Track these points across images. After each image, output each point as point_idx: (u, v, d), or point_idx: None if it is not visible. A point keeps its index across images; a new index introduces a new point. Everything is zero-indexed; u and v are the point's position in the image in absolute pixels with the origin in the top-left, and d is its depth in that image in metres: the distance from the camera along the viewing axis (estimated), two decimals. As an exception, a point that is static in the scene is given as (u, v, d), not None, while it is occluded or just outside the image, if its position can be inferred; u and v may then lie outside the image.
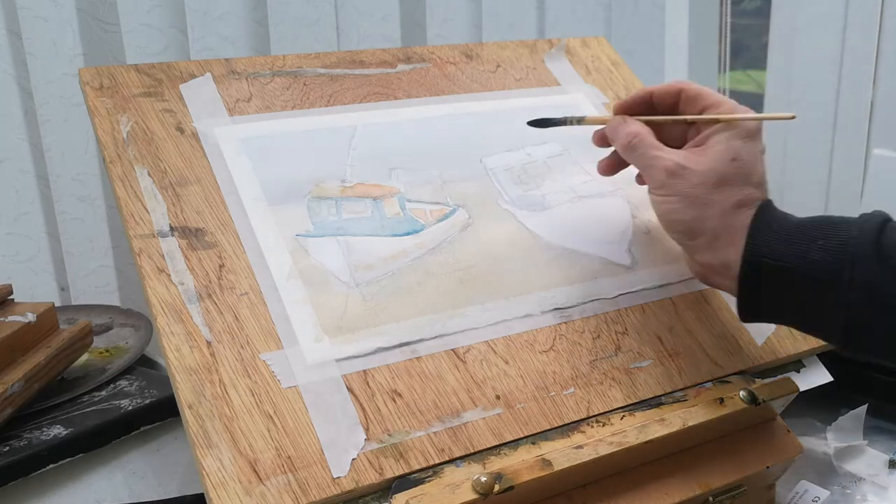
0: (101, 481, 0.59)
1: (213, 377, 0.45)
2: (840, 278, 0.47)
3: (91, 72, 0.57)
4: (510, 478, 0.44)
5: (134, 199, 0.51)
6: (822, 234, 0.48)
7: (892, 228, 0.48)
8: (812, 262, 0.47)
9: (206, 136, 0.56)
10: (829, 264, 0.47)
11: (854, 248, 0.47)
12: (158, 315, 0.46)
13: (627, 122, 0.55)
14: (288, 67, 0.62)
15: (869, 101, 1.37)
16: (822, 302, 0.48)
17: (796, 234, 0.49)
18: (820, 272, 0.47)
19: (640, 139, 0.53)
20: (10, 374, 0.60)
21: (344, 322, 0.49)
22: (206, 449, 0.42)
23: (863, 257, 0.46)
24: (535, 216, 0.59)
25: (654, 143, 0.53)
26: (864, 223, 0.48)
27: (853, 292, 0.46)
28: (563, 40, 0.74)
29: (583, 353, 0.52)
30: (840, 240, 0.47)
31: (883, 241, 0.47)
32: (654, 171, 0.52)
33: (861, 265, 0.46)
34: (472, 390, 0.48)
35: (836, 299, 0.47)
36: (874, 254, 0.46)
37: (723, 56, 1.51)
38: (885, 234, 0.47)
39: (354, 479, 0.43)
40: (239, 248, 0.50)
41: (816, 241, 0.48)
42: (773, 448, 0.54)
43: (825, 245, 0.47)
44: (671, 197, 0.51)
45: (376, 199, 0.56)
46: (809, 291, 0.48)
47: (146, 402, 0.64)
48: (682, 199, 0.51)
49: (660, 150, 0.53)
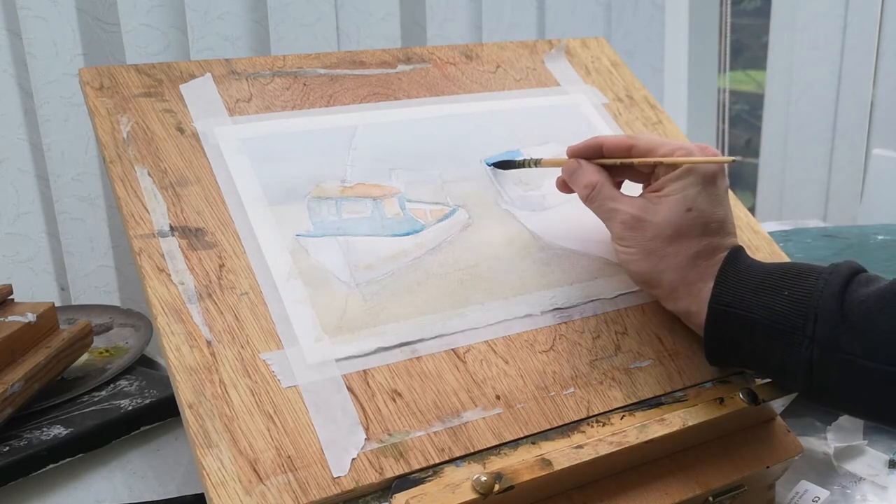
0: (101, 481, 0.59)
1: (214, 377, 0.45)
2: (802, 333, 0.46)
3: (91, 72, 0.57)
4: (510, 478, 0.44)
5: (134, 199, 0.51)
6: (788, 284, 0.48)
7: (859, 282, 0.47)
8: (776, 313, 0.47)
9: (206, 136, 0.56)
10: (793, 318, 0.47)
11: (818, 303, 0.46)
12: (158, 315, 0.46)
13: (583, 168, 0.55)
14: (288, 68, 0.62)
15: (869, 101, 1.37)
16: (784, 354, 0.48)
17: (763, 283, 0.49)
18: (783, 324, 0.47)
19: (598, 190, 0.53)
20: (10, 374, 0.60)
21: (344, 322, 0.49)
22: (206, 448, 0.42)
23: (825, 312, 0.46)
24: (535, 216, 0.59)
25: (611, 193, 0.53)
26: (831, 275, 0.47)
27: (815, 348, 0.46)
28: (562, 41, 0.74)
29: (583, 353, 0.52)
30: (805, 291, 0.47)
31: (846, 297, 0.46)
32: (612, 224, 0.53)
33: (823, 321, 0.46)
34: (472, 390, 0.48)
35: (799, 354, 0.47)
36: (837, 308, 0.46)
37: (723, 56, 1.51)
38: (850, 288, 0.47)
39: (354, 479, 0.43)
40: (239, 248, 0.50)
41: (782, 291, 0.48)
42: (773, 448, 0.54)
43: (790, 296, 0.47)
44: (630, 248, 0.52)
45: (376, 199, 0.56)
46: (773, 343, 0.48)
47: (146, 402, 0.64)
48: (639, 252, 0.51)
49: (616, 201, 0.53)
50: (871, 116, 1.37)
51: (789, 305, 0.47)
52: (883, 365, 0.44)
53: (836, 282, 0.47)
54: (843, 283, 0.47)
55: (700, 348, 0.54)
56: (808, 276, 0.48)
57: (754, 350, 0.49)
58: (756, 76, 1.62)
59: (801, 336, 0.47)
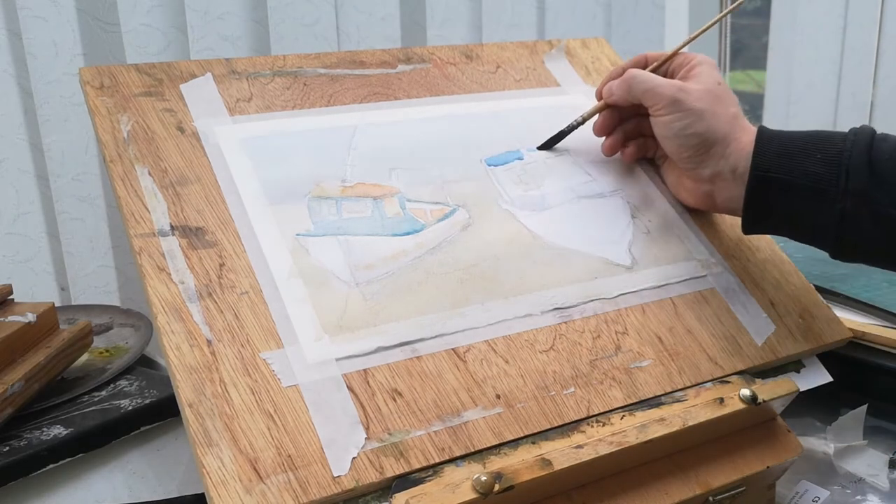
0: (101, 481, 0.59)
1: (214, 376, 0.45)
2: (836, 188, 0.52)
3: (91, 71, 0.57)
4: (510, 477, 0.43)
5: (134, 199, 0.51)
6: (820, 147, 0.54)
7: (880, 140, 0.53)
8: (812, 174, 0.53)
9: (206, 135, 0.56)
10: (826, 176, 0.53)
11: (848, 160, 0.52)
12: (159, 314, 0.46)
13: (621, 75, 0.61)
14: (288, 67, 0.62)
15: (869, 101, 1.37)
16: (818, 210, 0.53)
17: (796, 148, 0.54)
18: (818, 182, 0.53)
19: (638, 73, 0.60)
20: (10, 374, 0.60)
21: (344, 321, 0.49)
22: (206, 448, 0.42)
23: (856, 167, 0.52)
24: (535, 216, 0.59)
25: (651, 74, 0.60)
26: (856, 136, 0.53)
27: (847, 200, 0.52)
28: (562, 41, 0.74)
29: (583, 353, 0.52)
30: (835, 152, 0.53)
31: (872, 154, 0.52)
32: (661, 88, 0.58)
33: (854, 174, 0.52)
34: (473, 389, 0.48)
35: (832, 207, 0.52)
36: (866, 163, 0.52)
37: (723, 56, 1.51)
38: (874, 145, 0.52)
39: (355, 478, 0.43)
40: (239, 248, 0.50)
41: (815, 154, 0.53)
42: (773, 448, 0.54)
43: (823, 158, 0.53)
44: (681, 112, 0.57)
45: (376, 198, 0.56)
46: (809, 201, 0.53)
47: (146, 402, 0.64)
48: (692, 113, 0.57)
49: (657, 76, 0.59)
50: (871, 116, 1.37)
51: (823, 166, 0.53)
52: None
53: (862, 140, 0.53)
54: (868, 142, 0.52)
55: (700, 348, 0.54)
56: (834, 138, 0.54)
57: (790, 211, 0.55)
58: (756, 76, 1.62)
59: (835, 191, 0.52)
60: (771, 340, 0.57)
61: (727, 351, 0.55)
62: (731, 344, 0.56)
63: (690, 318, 0.56)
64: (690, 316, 0.56)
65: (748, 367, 0.55)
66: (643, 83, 0.59)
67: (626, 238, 0.59)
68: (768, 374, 0.57)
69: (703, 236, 0.61)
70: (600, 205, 0.61)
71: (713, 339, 0.56)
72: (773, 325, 0.58)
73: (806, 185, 0.53)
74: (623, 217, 0.61)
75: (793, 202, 0.54)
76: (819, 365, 0.60)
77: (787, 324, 0.59)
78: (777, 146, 0.54)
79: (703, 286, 0.58)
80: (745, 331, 0.57)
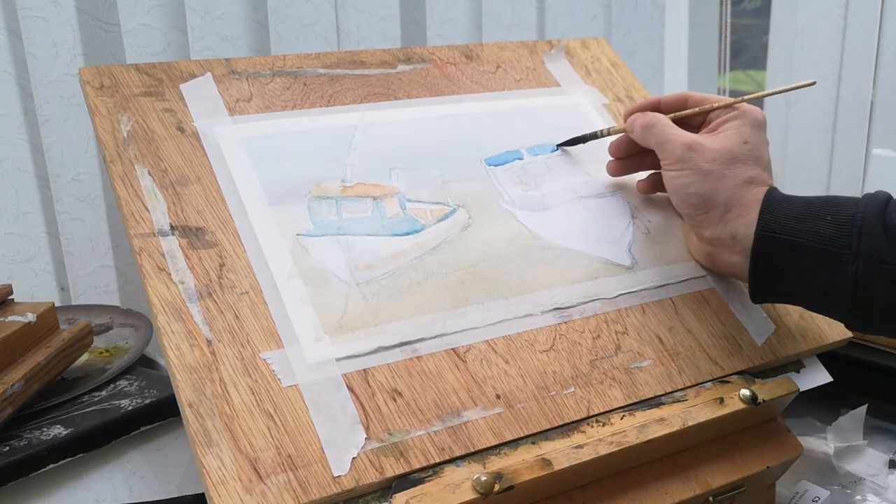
0: (101, 481, 0.59)
1: (214, 376, 0.45)
2: (848, 251, 0.50)
3: (91, 71, 0.57)
4: (510, 477, 0.44)
5: (134, 198, 0.51)
6: (831, 210, 0.51)
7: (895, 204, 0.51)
8: (822, 236, 0.51)
9: (206, 135, 0.56)
10: (838, 238, 0.50)
11: (861, 222, 0.50)
12: (159, 314, 0.46)
13: (646, 114, 0.59)
14: (288, 67, 0.62)
15: (869, 101, 1.37)
16: (830, 273, 0.50)
17: (806, 210, 0.52)
18: (829, 245, 0.50)
19: (658, 119, 0.58)
20: (10, 374, 0.60)
21: (344, 321, 0.49)
22: (206, 447, 0.42)
23: (869, 230, 0.49)
24: (535, 216, 0.59)
25: (670, 123, 0.58)
26: (870, 200, 0.51)
27: (860, 263, 0.49)
28: (562, 41, 0.74)
29: (583, 353, 0.52)
30: (847, 214, 0.50)
31: (886, 216, 0.50)
32: (672, 146, 0.56)
33: (867, 237, 0.49)
34: (473, 389, 0.48)
35: (844, 271, 0.50)
36: (880, 226, 0.49)
37: (723, 56, 1.51)
38: (889, 209, 0.50)
39: (355, 478, 0.43)
40: (239, 248, 0.50)
41: (825, 216, 0.51)
42: (773, 448, 0.54)
43: (833, 220, 0.51)
44: (687, 171, 0.55)
45: (377, 198, 0.56)
46: (818, 264, 0.51)
47: (146, 402, 0.64)
48: (697, 173, 0.55)
49: (676, 129, 0.57)
50: (871, 116, 1.37)
51: (834, 228, 0.51)
52: None
53: (876, 204, 0.50)
54: (882, 205, 0.50)
55: (700, 348, 0.54)
56: (846, 202, 0.52)
57: (800, 274, 0.52)
58: (756, 76, 1.62)
59: (847, 254, 0.50)
60: (771, 340, 0.57)
61: (727, 351, 0.55)
62: (731, 344, 0.56)
63: (690, 318, 0.56)
64: (690, 316, 0.56)
65: (748, 367, 0.55)
66: (657, 135, 0.57)
67: (626, 238, 0.59)
68: (768, 374, 0.57)
69: (703, 236, 0.61)
70: (600, 205, 0.61)
71: (713, 339, 0.56)
72: (773, 325, 0.58)
73: (815, 247, 0.51)
74: (623, 217, 0.61)
75: (801, 265, 0.51)
76: (819, 365, 0.60)
77: (787, 324, 0.59)
78: (787, 207, 0.52)
79: (703, 286, 0.58)
80: (745, 331, 0.57)
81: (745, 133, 0.56)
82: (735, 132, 0.56)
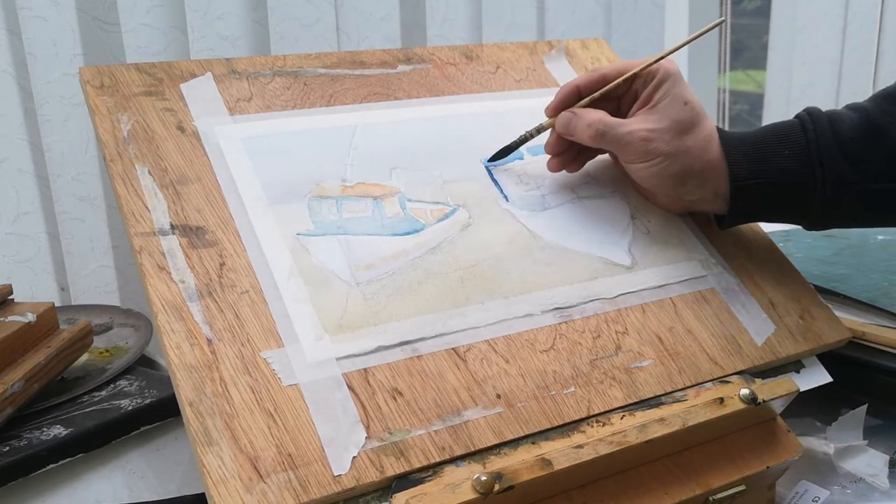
0: (101, 481, 0.59)
1: (214, 375, 0.45)
2: (813, 179, 0.55)
3: (91, 70, 0.57)
4: (510, 477, 0.43)
5: (134, 198, 0.51)
6: (784, 144, 0.56)
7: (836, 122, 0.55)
8: (786, 171, 0.56)
9: (206, 134, 0.56)
10: (801, 168, 0.55)
11: (818, 152, 0.55)
12: (159, 313, 0.46)
13: (579, 114, 0.58)
14: (288, 67, 0.62)
15: (869, 102, 1.37)
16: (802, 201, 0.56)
17: (764, 149, 0.56)
18: (795, 178, 0.56)
19: (604, 123, 0.57)
20: (10, 374, 0.60)
21: (344, 321, 0.49)
22: (206, 446, 0.42)
23: (829, 157, 0.55)
24: (535, 216, 0.59)
25: (616, 121, 0.57)
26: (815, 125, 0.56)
27: (827, 188, 0.55)
28: (562, 42, 0.74)
29: (583, 353, 0.52)
30: (800, 145, 0.56)
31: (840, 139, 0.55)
32: (633, 145, 0.56)
33: (829, 164, 0.55)
34: (473, 389, 0.48)
35: (814, 196, 0.56)
36: (837, 151, 0.55)
37: (723, 56, 1.51)
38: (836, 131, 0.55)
39: (355, 477, 0.43)
40: (240, 247, 0.50)
41: (782, 152, 0.56)
42: (773, 448, 0.54)
43: (791, 153, 0.56)
44: (654, 160, 0.56)
45: (377, 198, 0.56)
46: (790, 195, 0.56)
47: (146, 402, 0.64)
48: (665, 159, 0.56)
49: (625, 125, 0.56)
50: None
51: (794, 160, 0.56)
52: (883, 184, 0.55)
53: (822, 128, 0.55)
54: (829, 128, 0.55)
55: (700, 348, 0.54)
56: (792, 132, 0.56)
57: (774, 206, 0.58)
58: (756, 76, 1.62)
59: (813, 182, 0.55)
60: (771, 340, 0.57)
61: (727, 351, 0.55)
62: (731, 344, 0.56)
63: (690, 318, 0.56)
64: (690, 316, 0.56)
65: (748, 367, 0.55)
66: (611, 140, 0.57)
67: (626, 238, 0.59)
68: (768, 374, 0.57)
69: (703, 236, 0.61)
70: (600, 205, 0.61)
71: (713, 339, 0.56)
72: (773, 326, 0.58)
73: (784, 181, 0.56)
74: (623, 217, 0.61)
75: (773, 199, 0.57)
76: (819, 365, 0.60)
77: (787, 324, 0.59)
78: (745, 150, 0.56)
79: (703, 286, 0.58)
80: (745, 331, 0.57)
81: (678, 94, 0.57)
82: (671, 98, 0.56)
